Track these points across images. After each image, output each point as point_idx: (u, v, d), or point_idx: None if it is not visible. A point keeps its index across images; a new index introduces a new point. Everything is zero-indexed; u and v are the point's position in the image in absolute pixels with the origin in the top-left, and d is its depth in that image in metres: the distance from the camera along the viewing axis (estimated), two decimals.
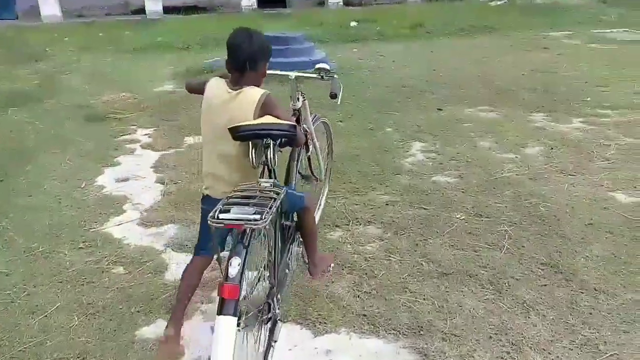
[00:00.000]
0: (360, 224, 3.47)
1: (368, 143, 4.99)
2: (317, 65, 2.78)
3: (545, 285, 2.73)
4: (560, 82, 7.12)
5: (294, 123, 2.19)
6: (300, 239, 2.56)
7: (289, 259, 2.52)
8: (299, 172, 2.88)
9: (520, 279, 2.79)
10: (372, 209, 3.68)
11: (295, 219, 2.50)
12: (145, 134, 5.53)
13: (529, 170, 4.25)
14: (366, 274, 2.90)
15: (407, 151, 4.77)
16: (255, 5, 16.95)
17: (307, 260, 2.59)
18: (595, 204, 3.62)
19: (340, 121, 5.68)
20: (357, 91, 6.95)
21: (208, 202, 2.18)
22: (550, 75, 7.57)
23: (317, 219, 3.05)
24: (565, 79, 7.30)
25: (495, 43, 10.58)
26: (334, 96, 2.72)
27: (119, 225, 3.64)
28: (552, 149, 4.71)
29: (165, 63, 9.17)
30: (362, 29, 12.34)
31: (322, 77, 2.77)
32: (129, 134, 5.56)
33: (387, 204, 3.74)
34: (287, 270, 2.48)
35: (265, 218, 1.72)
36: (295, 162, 2.79)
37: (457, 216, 3.51)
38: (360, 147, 4.86)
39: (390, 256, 3.07)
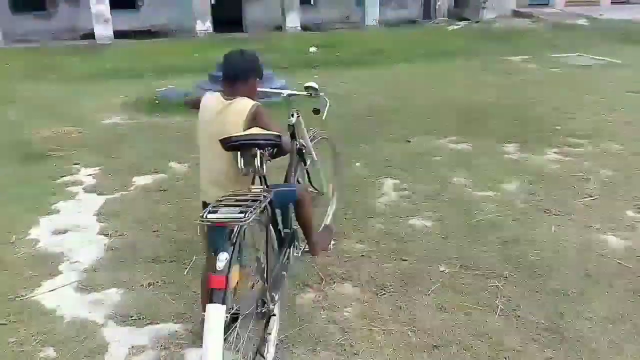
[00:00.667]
0: (335, 282, 3.05)
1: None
2: (306, 84, 3.04)
3: (551, 358, 2.38)
4: (528, 110, 6.98)
5: (279, 133, 2.31)
6: (299, 244, 2.86)
7: (285, 262, 2.62)
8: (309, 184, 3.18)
9: (522, 351, 2.43)
10: (346, 261, 3.28)
11: (293, 226, 2.78)
12: (89, 174, 4.98)
13: (511, 210, 3.95)
14: (345, 350, 2.47)
15: (379, 189, 4.41)
16: (211, 30, 16.52)
17: (309, 247, 2.90)
18: (588, 251, 3.33)
19: None
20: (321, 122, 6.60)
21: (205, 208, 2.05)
22: (517, 102, 7.44)
23: (328, 220, 3.61)
24: (533, 106, 7.17)
25: (457, 68, 10.51)
26: (316, 112, 3.05)
27: (52, 291, 3.10)
28: (531, 184, 4.45)
29: (115, 92, 8.58)
30: (322, 55, 12.09)
31: (310, 94, 3.05)
32: (71, 174, 4.99)
33: (362, 255, 3.35)
34: (283, 272, 2.54)
35: (248, 217, 1.86)
36: (293, 174, 2.97)
37: (442, 269, 3.15)
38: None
39: (371, 324, 2.66)
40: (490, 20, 17.38)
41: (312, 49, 12.55)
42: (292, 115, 3.02)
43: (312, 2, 19.03)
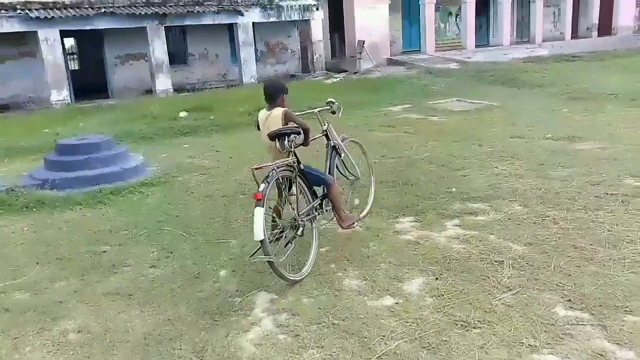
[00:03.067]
0: None
1: (187, 305, 3.40)
2: (328, 100, 4.71)
3: None
4: (417, 169, 6.32)
5: (297, 128, 3.91)
6: (328, 203, 4.20)
7: (316, 208, 4.10)
8: (341, 173, 4.65)
9: None
10: None
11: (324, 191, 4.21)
12: None
13: (419, 328, 2.99)
14: None
15: (248, 316, 3.27)
16: (69, 99, 14.73)
17: (338, 219, 4.19)
18: None
19: (153, 266, 4.05)
20: (181, 209, 5.40)
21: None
22: (404, 160, 6.79)
23: (367, 209, 4.83)
24: (420, 164, 6.54)
25: (338, 124, 9.85)
26: (333, 112, 4.71)
27: None
28: (437, 279, 3.57)
29: None
30: (194, 120, 10.95)
31: (330, 106, 4.68)
32: None
33: None
34: (314, 214, 4.04)
35: (277, 168, 3.66)
36: (330, 160, 4.51)
37: None
38: (176, 317, 3.25)
39: None
40: (368, 70, 17.43)
41: (183, 114, 11.37)
42: (325, 124, 4.57)
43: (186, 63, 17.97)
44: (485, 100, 11.63)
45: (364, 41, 17.89)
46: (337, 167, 4.56)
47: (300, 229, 3.81)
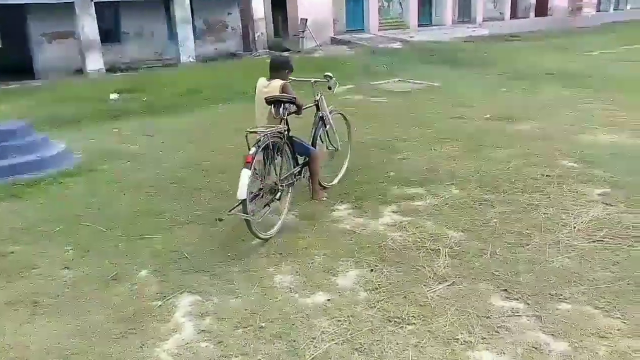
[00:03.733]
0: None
1: (100, 312, 3.08)
2: (325, 73, 4.99)
3: None
4: (356, 154, 6.13)
5: (294, 97, 4.21)
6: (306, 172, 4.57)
7: (295, 175, 4.43)
8: (322, 142, 4.96)
9: None
10: None
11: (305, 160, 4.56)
12: None
13: (351, 327, 2.82)
14: None
15: (167, 322, 2.99)
16: None
17: (311, 188, 4.62)
18: None
19: (66, 267, 3.68)
20: (103, 201, 5.00)
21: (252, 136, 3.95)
22: (344, 144, 6.58)
23: (339, 177, 5.16)
24: (360, 148, 6.35)
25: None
26: (329, 88, 4.97)
27: None
28: (372, 270, 3.41)
29: None
30: (126, 102, 10.32)
31: (327, 80, 4.93)
32: None
33: None
34: (292, 180, 4.39)
35: (268, 134, 3.90)
36: (316, 130, 4.86)
37: None
38: (86, 327, 2.93)
39: None
40: (311, 49, 17.10)
41: (113, 96, 10.71)
42: (318, 95, 4.89)
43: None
44: (427, 81, 11.61)
45: (306, 19, 17.51)
46: (320, 136, 4.91)
47: (279, 193, 4.13)
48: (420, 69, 13.75)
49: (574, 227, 3.83)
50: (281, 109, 4.14)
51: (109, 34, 16.54)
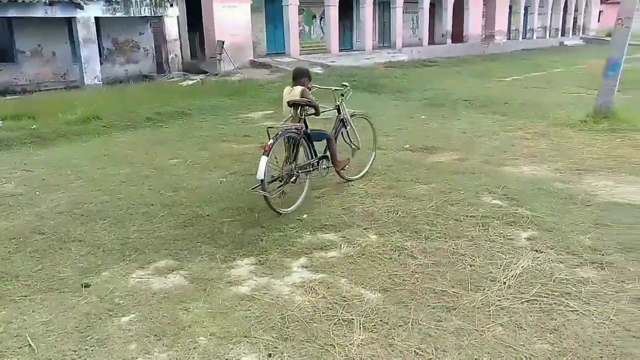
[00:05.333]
0: None
1: None
2: (343, 83, 5.83)
3: None
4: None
5: (310, 99, 4.96)
6: (326, 162, 5.30)
7: (314, 164, 5.17)
8: (345, 141, 5.72)
9: None
10: None
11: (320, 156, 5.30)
12: None
13: None
14: None
15: None
16: None
17: (333, 163, 5.31)
18: None
19: None
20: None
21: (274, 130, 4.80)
22: (254, 180, 5.91)
23: (364, 172, 5.88)
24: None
25: (187, 134, 8.75)
26: (342, 95, 5.59)
27: None
28: (270, 355, 2.73)
29: None
30: (9, 130, 9.08)
31: (344, 87, 5.62)
32: None
33: None
34: (310, 169, 5.13)
35: (284, 129, 4.74)
36: (336, 129, 5.56)
37: None
38: None
39: None
40: (228, 72, 16.39)
41: None
42: (339, 100, 5.59)
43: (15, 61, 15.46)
44: (347, 107, 11.22)
45: (223, 41, 16.80)
46: (342, 135, 5.67)
47: (294, 177, 4.94)
48: None
49: (504, 283, 3.37)
50: (299, 111, 4.99)
51: (2, 53, 14.97)
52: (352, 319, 3.01)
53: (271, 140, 4.62)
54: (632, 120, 8.25)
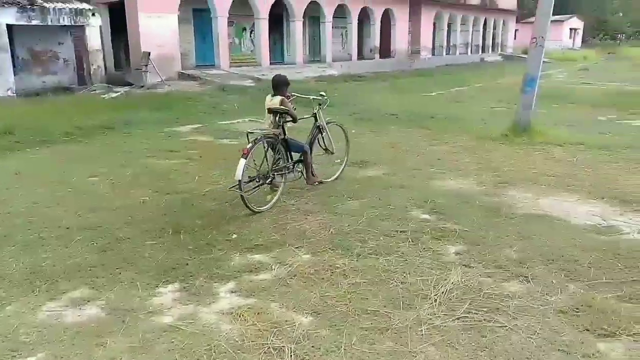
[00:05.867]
0: None
1: None
2: (320, 92, 6.24)
3: None
4: (195, 209, 5.27)
5: (288, 109, 5.37)
6: (300, 166, 5.74)
7: (289, 168, 5.60)
8: (320, 146, 6.18)
9: None
10: None
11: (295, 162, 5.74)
12: None
13: None
14: None
15: None
16: None
17: (305, 175, 5.77)
18: None
19: None
20: None
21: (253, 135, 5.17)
22: (181, 197, 5.67)
23: (338, 172, 6.37)
24: (201, 202, 5.52)
25: (109, 150, 8.30)
26: (319, 104, 6.07)
27: None
28: None
29: None
30: None
31: (321, 97, 6.07)
32: None
33: None
34: (285, 172, 5.52)
35: (263, 135, 5.16)
36: (312, 136, 6.04)
37: None
38: None
39: None
40: (155, 84, 15.85)
41: None
42: (316, 108, 6.05)
43: None
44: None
45: (149, 52, 16.25)
46: (317, 141, 6.14)
47: (270, 179, 5.34)
48: None
49: (435, 300, 3.37)
50: (277, 118, 5.42)
51: None
52: (283, 347, 2.88)
53: (250, 144, 5.03)
54: (548, 134, 8.73)
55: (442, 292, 3.47)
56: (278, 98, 5.45)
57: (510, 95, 13.87)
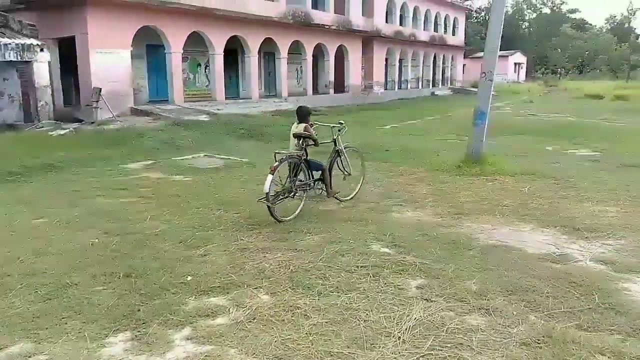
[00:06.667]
0: None
1: None
2: (340, 121, 7.08)
3: None
4: (147, 251, 5.05)
5: (310, 134, 6.23)
6: (320, 184, 6.51)
7: (310, 184, 6.36)
8: (339, 168, 6.89)
9: None
10: None
11: (315, 180, 6.49)
12: None
13: None
14: None
15: None
16: None
17: (326, 191, 6.51)
18: None
19: None
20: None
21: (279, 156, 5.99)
22: (132, 238, 5.43)
23: (354, 193, 7.09)
24: (153, 243, 5.29)
25: (56, 190, 7.93)
26: (339, 130, 6.88)
27: None
28: None
29: None
30: None
31: (340, 124, 6.91)
32: None
33: None
34: (306, 188, 6.31)
35: (287, 156, 6.05)
36: (332, 159, 6.76)
37: None
38: None
39: None
40: (106, 120, 15.46)
41: None
42: (335, 135, 6.83)
43: None
44: (235, 156, 11.04)
45: (100, 88, 15.88)
46: (336, 163, 6.86)
47: (293, 193, 6.11)
48: (228, 143, 13.22)
49: (399, 338, 3.30)
50: (301, 141, 6.26)
51: None
52: None
53: (276, 163, 5.81)
54: (500, 165, 8.98)
55: (406, 329, 3.40)
56: (302, 125, 6.32)
57: (462, 127, 14.30)
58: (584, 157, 10.88)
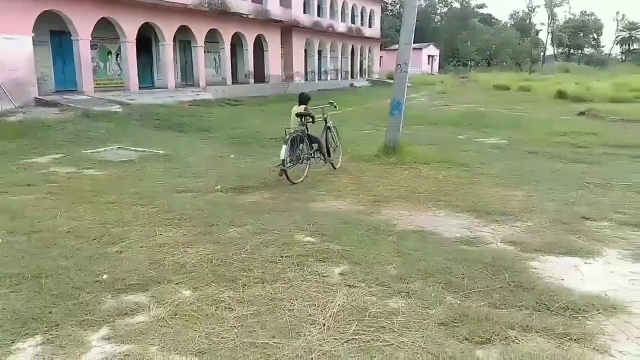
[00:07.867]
0: None
1: None
2: (330, 101, 8.82)
3: None
4: (57, 249, 4.73)
5: (310, 112, 8.04)
6: (318, 154, 8.16)
7: (311, 154, 7.99)
8: (327, 141, 8.45)
9: None
10: None
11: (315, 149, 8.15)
12: None
13: None
14: None
15: None
16: None
17: (323, 159, 8.22)
18: None
19: None
20: None
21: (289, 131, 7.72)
22: (41, 237, 5.06)
23: (340, 162, 8.77)
24: (64, 241, 4.97)
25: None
26: (335, 107, 8.90)
27: None
28: None
29: None
30: None
31: (330, 104, 8.75)
32: None
33: None
34: (308, 156, 7.92)
35: (294, 132, 7.69)
36: (324, 134, 8.37)
37: None
38: None
39: None
40: (6, 112, 14.29)
41: None
42: (325, 114, 8.59)
43: None
44: (151, 148, 10.63)
45: None
46: (326, 137, 8.36)
47: (299, 160, 7.67)
48: (143, 134, 12.71)
49: (324, 325, 3.34)
50: (302, 119, 7.83)
51: None
52: None
53: (287, 136, 7.36)
54: (416, 154, 9.33)
55: (330, 316, 3.45)
56: (302, 106, 7.99)
57: (379, 117, 14.69)
58: (493, 145, 11.56)
